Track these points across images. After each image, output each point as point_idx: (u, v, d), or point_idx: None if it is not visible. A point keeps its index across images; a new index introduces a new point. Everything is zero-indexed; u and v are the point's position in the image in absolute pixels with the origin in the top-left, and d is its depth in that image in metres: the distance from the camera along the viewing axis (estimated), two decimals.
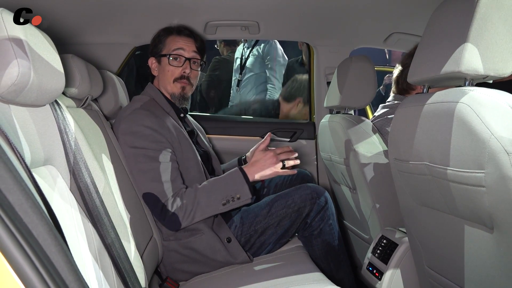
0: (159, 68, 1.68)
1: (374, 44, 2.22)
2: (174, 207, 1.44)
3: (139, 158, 1.48)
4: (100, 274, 0.97)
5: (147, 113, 1.52)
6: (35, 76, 0.82)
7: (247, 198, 1.49)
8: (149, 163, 1.47)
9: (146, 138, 1.48)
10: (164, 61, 1.65)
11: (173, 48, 1.65)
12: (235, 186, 1.49)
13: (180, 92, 1.66)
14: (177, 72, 1.65)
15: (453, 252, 1.05)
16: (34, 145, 0.88)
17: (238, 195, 1.48)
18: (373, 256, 1.54)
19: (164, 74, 1.66)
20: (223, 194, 1.48)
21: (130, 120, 1.51)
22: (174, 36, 1.67)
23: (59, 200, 0.93)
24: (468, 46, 0.89)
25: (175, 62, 1.64)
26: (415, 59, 1.08)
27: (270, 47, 3.31)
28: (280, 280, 1.31)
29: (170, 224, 1.47)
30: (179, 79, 1.65)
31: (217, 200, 1.47)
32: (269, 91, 3.33)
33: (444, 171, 0.95)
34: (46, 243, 0.56)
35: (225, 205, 1.48)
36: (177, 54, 1.64)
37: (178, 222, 1.45)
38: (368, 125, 1.70)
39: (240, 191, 1.48)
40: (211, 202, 1.47)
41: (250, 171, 1.52)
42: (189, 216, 1.45)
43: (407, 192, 1.20)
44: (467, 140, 0.86)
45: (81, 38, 1.84)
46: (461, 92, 0.89)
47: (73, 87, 1.24)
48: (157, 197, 1.45)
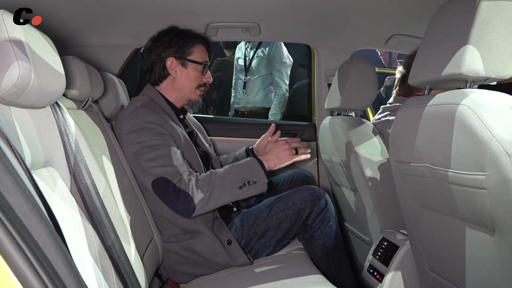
0: (182, 71, 1.65)
1: (375, 46, 2.22)
2: (188, 187, 1.40)
3: (145, 150, 1.46)
4: (100, 276, 0.97)
5: (148, 110, 1.52)
6: (36, 78, 0.82)
7: (263, 182, 1.46)
8: (156, 151, 1.45)
9: (150, 132, 1.47)
10: (192, 67, 1.66)
11: (204, 58, 1.69)
12: (251, 171, 1.47)
13: (197, 99, 1.73)
14: (201, 79, 1.69)
15: (454, 254, 1.05)
16: (34, 146, 0.88)
17: (255, 179, 1.45)
18: (374, 258, 1.54)
19: (189, 79, 1.66)
20: (239, 178, 1.45)
21: (132, 118, 1.50)
22: (202, 45, 1.70)
23: (60, 202, 0.93)
24: (469, 48, 0.89)
25: (204, 71, 1.69)
26: (416, 61, 1.08)
27: (275, 48, 3.30)
28: (280, 282, 1.30)
29: (183, 205, 1.40)
30: (203, 86, 1.71)
31: (233, 183, 1.44)
32: (277, 94, 3.32)
33: (445, 173, 0.94)
34: (45, 245, 0.56)
35: (242, 189, 1.44)
36: (207, 65, 1.70)
37: (192, 203, 1.40)
38: (369, 127, 1.70)
39: (256, 175, 1.46)
40: (227, 185, 1.44)
41: (265, 159, 1.51)
42: (204, 198, 1.40)
43: (408, 194, 1.19)
44: (468, 142, 0.85)
45: (82, 39, 1.85)
46: (462, 94, 0.89)
47: (73, 89, 1.24)
48: (168, 178, 1.41)
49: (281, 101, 3.32)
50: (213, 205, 1.44)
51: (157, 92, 1.66)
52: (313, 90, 2.35)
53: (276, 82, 3.33)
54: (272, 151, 1.54)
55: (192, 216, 1.44)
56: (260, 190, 1.47)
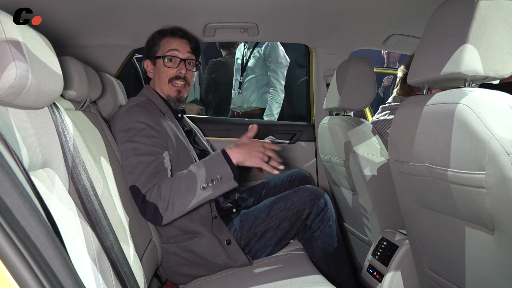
0: (155, 70, 1.69)
1: (373, 46, 2.22)
2: (152, 197, 1.36)
3: (128, 152, 1.45)
4: (99, 277, 0.97)
5: (142, 109, 1.52)
6: (33, 78, 0.81)
7: (229, 178, 1.38)
8: (137, 156, 1.43)
9: (139, 133, 1.46)
10: (159, 63, 1.66)
11: (167, 49, 1.66)
12: (215, 168, 1.38)
13: (176, 95, 1.67)
14: (171, 72, 1.65)
15: (454, 254, 1.05)
16: (32, 147, 0.87)
17: (219, 176, 1.37)
18: (373, 258, 1.54)
19: (160, 75, 1.66)
20: (202, 177, 1.37)
21: (125, 116, 1.50)
22: (169, 38, 1.68)
23: (58, 203, 0.93)
24: (468, 47, 0.89)
25: (170, 63, 1.65)
26: (415, 60, 1.08)
27: (271, 48, 3.29)
28: (280, 282, 1.30)
29: (151, 217, 1.38)
30: (175, 79, 1.66)
31: (196, 184, 1.36)
32: (271, 94, 3.32)
33: (445, 173, 0.94)
34: (43, 246, 0.55)
35: (206, 189, 1.36)
36: (172, 55, 1.65)
37: (158, 214, 1.36)
38: (368, 126, 1.70)
39: (220, 171, 1.37)
40: (190, 188, 1.36)
41: (234, 152, 1.42)
42: (168, 206, 1.35)
43: (407, 194, 1.19)
44: (468, 141, 0.85)
45: (79, 40, 1.84)
46: (461, 93, 0.89)
47: (71, 90, 1.23)
48: (139, 188, 1.38)
49: (276, 101, 3.31)
50: (181, 210, 1.38)
51: (154, 92, 1.67)
52: (311, 90, 2.35)
53: (271, 83, 3.32)
54: (246, 146, 1.45)
55: (163, 224, 1.40)
56: (227, 186, 1.39)
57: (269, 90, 3.33)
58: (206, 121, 2.34)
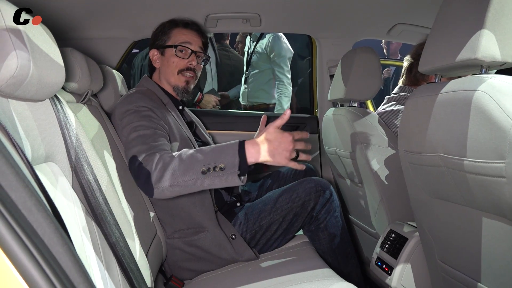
0: (162, 59, 1.65)
1: (377, 36, 2.18)
2: (148, 164, 1.23)
3: (129, 131, 1.38)
4: (105, 274, 0.94)
5: (142, 96, 1.49)
6: (35, 68, 0.78)
7: (232, 171, 1.17)
8: (137, 131, 1.36)
9: (138, 114, 1.41)
10: (169, 52, 1.63)
11: (180, 40, 1.63)
12: (223, 155, 1.20)
13: (184, 86, 1.64)
14: (182, 63, 1.62)
15: (469, 245, 1.02)
16: (34, 141, 0.84)
17: (222, 165, 1.18)
18: (381, 251, 1.52)
19: (168, 65, 1.63)
20: (205, 159, 1.20)
21: (125, 103, 1.47)
22: (181, 28, 1.65)
23: (62, 198, 0.90)
24: (485, 32, 0.86)
25: (181, 54, 1.62)
26: (427, 47, 1.05)
27: (274, 42, 3.24)
28: (288, 277, 1.28)
29: (142, 185, 1.25)
30: (185, 71, 1.63)
31: (197, 164, 1.20)
32: (279, 89, 3.28)
33: (461, 162, 0.91)
34: (52, 242, 0.52)
35: (205, 174, 1.19)
36: (184, 46, 1.63)
37: (150, 183, 1.21)
38: (375, 117, 1.67)
39: (226, 160, 1.18)
40: (189, 166, 1.20)
41: (255, 149, 1.20)
42: (162, 177, 1.20)
43: (418, 185, 1.17)
44: (486, 129, 0.82)
45: (78, 32, 1.80)
46: (478, 80, 0.86)
47: (73, 82, 1.20)
48: (136, 155, 1.28)
49: (285, 95, 3.27)
50: (175, 188, 1.21)
51: (154, 83, 1.65)
52: (314, 81, 2.31)
53: (277, 77, 3.29)
54: (272, 143, 1.20)
55: (154, 197, 1.24)
56: (229, 181, 1.19)
57: (276, 85, 3.30)
58: (208, 114, 2.31)
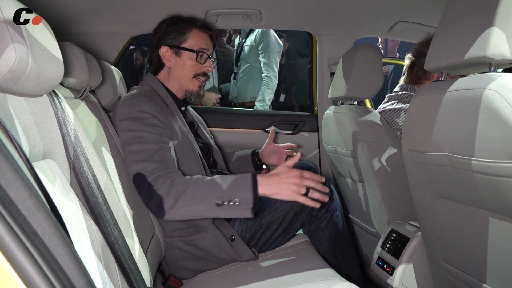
0: (176, 60, 1.59)
1: (378, 34, 2.17)
2: (161, 188, 1.27)
3: (132, 140, 1.37)
4: (104, 274, 0.92)
5: (146, 99, 1.45)
6: (33, 62, 0.75)
7: (246, 207, 1.25)
8: (142, 144, 1.35)
9: (142, 122, 1.39)
10: (187, 55, 1.58)
11: (199, 45, 1.59)
12: (237, 190, 1.26)
13: (197, 90, 1.62)
14: (197, 67, 1.59)
15: (474, 246, 1.01)
16: (32, 137, 0.82)
17: (237, 200, 1.25)
18: (382, 251, 1.50)
19: (184, 68, 1.58)
20: (221, 193, 1.26)
21: (128, 105, 1.43)
22: (198, 31, 1.60)
23: (60, 197, 0.87)
24: (495, 30, 0.84)
25: (201, 59, 1.59)
26: (433, 45, 1.03)
27: (262, 35, 3.24)
28: (290, 276, 1.26)
29: (153, 208, 1.29)
30: (201, 76, 1.60)
31: (212, 196, 1.26)
32: (264, 80, 3.27)
33: (468, 162, 0.90)
34: (53, 244, 0.50)
35: (219, 207, 1.26)
36: (204, 52, 1.60)
37: (162, 208, 1.27)
38: (376, 116, 1.65)
39: (241, 196, 1.25)
40: (203, 197, 1.26)
41: (264, 182, 1.27)
42: (175, 204, 1.26)
43: (422, 184, 1.15)
44: (496, 128, 0.81)
45: (76, 27, 1.77)
46: (488, 78, 0.84)
47: (71, 77, 1.17)
48: (145, 175, 1.30)
49: (269, 87, 3.26)
50: (186, 215, 1.28)
51: (158, 82, 1.60)
52: (314, 79, 2.29)
53: (263, 68, 3.28)
54: (280, 176, 1.28)
55: (164, 219, 1.33)
56: (241, 214, 1.27)
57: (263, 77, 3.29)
58: (208, 111, 2.29)
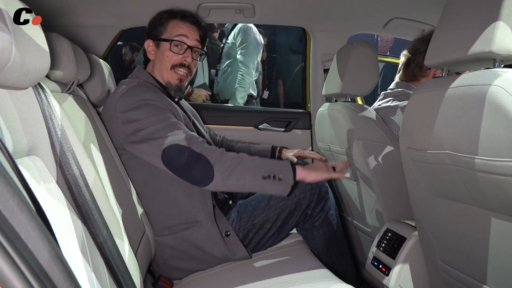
0: (157, 52, 1.56)
1: (373, 30, 2.15)
2: (211, 155, 1.28)
3: (144, 124, 1.32)
4: (92, 276, 0.87)
5: (146, 88, 1.41)
6: (18, 52, 0.70)
7: (288, 183, 1.32)
8: (163, 122, 1.32)
9: (153, 107, 1.35)
10: (164, 46, 1.53)
11: (175, 33, 1.53)
12: (282, 168, 1.33)
13: (177, 84, 1.55)
14: (176, 58, 1.53)
15: (474, 246, 0.99)
16: (16, 132, 0.77)
17: (281, 176, 1.31)
18: (378, 250, 1.48)
19: (162, 59, 1.54)
20: (266, 167, 1.31)
21: (130, 96, 1.37)
22: (178, 21, 1.55)
23: (46, 195, 0.83)
24: (500, 24, 0.82)
25: (176, 48, 1.53)
26: (434, 40, 1.00)
27: (241, 32, 3.22)
28: (284, 277, 1.23)
29: (202, 172, 1.28)
30: (178, 66, 1.54)
31: (259, 169, 1.30)
32: (238, 78, 3.25)
33: (471, 160, 0.87)
34: (37, 248, 0.46)
35: (265, 180, 1.30)
36: (179, 41, 1.53)
37: (211, 171, 1.27)
38: (372, 113, 1.62)
39: (284, 173, 1.32)
40: (252, 168, 1.30)
41: (299, 169, 1.37)
42: (226, 171, 1.27)
43: (420, 183, 1.13)
44: (502, 126, 0.78)
45: (64, 19, 1.71)
46: (493, 74, 0.82)
47: (58, 70, 1.12)
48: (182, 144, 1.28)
49: (241, 86, 3.24)
50: (232, 184, 1.30)
51: (149, 75, 1.55)
52: (307, 76, 2.26)
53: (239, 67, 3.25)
54: (312, 166, 1.42)
55: (207, 186, 1.30)
56: (281, 190, 1.33)
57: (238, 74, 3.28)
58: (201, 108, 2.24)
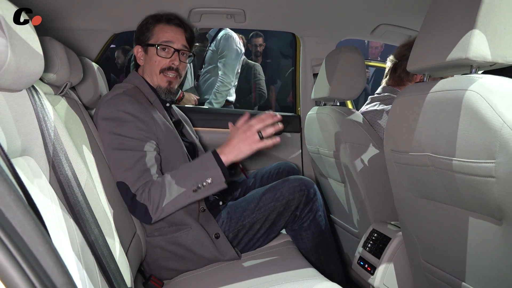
0: (146, 57, 1.59)
1: (361, 36, 2.19)
2: (142, 198, 1.34)
3: (115, 145, 1.38)
4: (84, 273, 0.90)
5: (130, 99, 1.43)
6: (13, 55, 0.73)
7: (219, 181, 1.36)
8: (125, 151, 1.38)
9: (126, 125, 1.39)
10: (152, 51, 1.57)
11: (161, 39, 1.56)
12: (205, 171, 1.36)
13: (166, 86, 1.59)
14: (164, 62, 1.57)
15: (454, 245, 1.02)
16: (10, 133, 0.79)
17: (209, 180, 1.34)
18: (364, 250, 1.52)
19: (151, 64, 1.57)
20: (193, 180, 1.35)
21: (111, 104, 1.42)
22: (163, 25, 1.59)
23: (39, 194, 0.85)
24: (476, 32, 0.86)
25: (163, 52, 1.56)
26: (416, 46, 1.04)
27: (222, 40, 3.27)
28: (272, 276, 1.26)
29: (140, 217, 1.38)
30: (167, 70, 1.57)
31: (186, 186, 1.35)
32: (218, 83, 3.29)
33: (449, 162, 0.91)
34: (32, 241, 0.48)
35: (197, 192, 1.35)
36: (166, 45, 1.56)
37: (148, 214, 1.35)
38: (359, 117, 1.67)
39: (211, 175, 1.35)
40: (180, 190, 1.34)
41: (225, 152, 1.38)
42: (158, 208, 1.34)
43: (404, 184, 1.16)
44: (477, 129, 0.82)
45: (57, 23, 1.73)
46: (469, 80, 0.86)
47: (51, 72, 1.14)
48: (128, 187, 1.35)
49: (218, 92, 3.27)
50: (172, 210, 1.37)
51: (142, 79, 1.58)
52: (297, 80, 2.30)
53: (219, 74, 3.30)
54: (233, 139, 1.39)
55: (151, 223, 1.41)
56: (218, 188, 1.38)
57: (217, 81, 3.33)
58: (193, 111, 2.27)
